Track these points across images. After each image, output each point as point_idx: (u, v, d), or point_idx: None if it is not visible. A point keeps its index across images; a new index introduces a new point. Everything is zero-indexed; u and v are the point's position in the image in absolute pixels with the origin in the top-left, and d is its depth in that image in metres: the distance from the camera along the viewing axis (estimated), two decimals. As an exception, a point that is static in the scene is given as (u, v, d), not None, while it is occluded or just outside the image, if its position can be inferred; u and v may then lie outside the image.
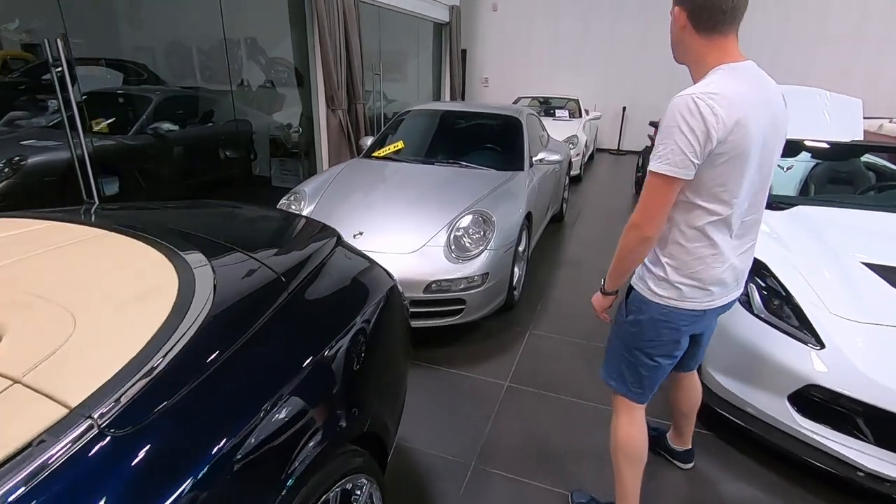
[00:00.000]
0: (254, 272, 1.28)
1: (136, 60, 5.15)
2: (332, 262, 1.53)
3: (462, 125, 4.07)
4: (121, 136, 4.71)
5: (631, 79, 10.14)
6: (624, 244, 1.40)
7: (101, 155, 4.47)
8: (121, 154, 4.63)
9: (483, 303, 2.76)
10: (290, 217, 2.06)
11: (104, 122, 4.70)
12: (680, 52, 1.44)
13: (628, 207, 6.15)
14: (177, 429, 0.80)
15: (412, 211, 2.97)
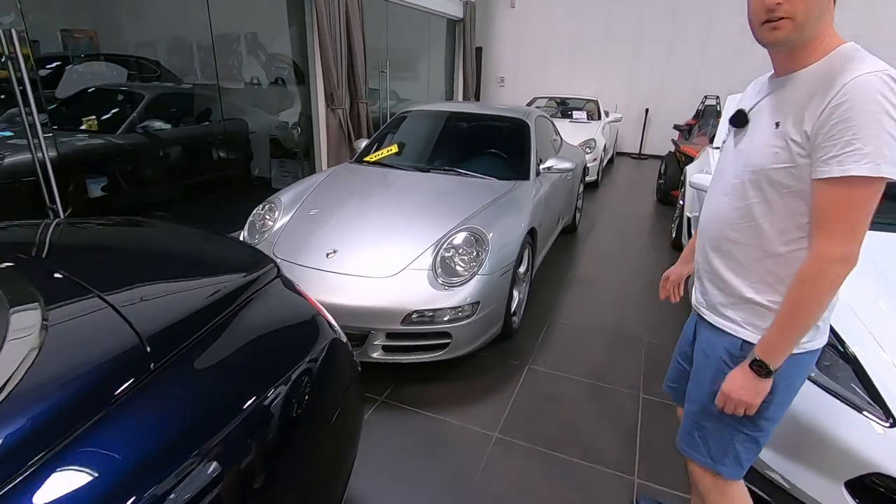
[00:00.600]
0: (106, 336, 0.93)
1: (147, 56, 4.94)
2: (249, 312, 1.18)
3: (463, 128, 3.70)
4: (109, 134, 4.45)
5: (655, 80, 9.61)
6: (822, 288, 1.00)
7: (88, 154, 4.22)
8: (108, 154, 4.38)
9: (473, 336, 2.39)
10: (218, 243, 1.70)
11: (94, 119, 4.47)
12: (814, 23, 0.99)
13: (648, 216, 5.70)
14: None
15: (396, 226, 2.61)
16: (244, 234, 2.75)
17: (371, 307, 2.20)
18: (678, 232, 4.46)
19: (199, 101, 5.41)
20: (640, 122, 9.88)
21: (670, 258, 4.35)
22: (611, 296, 3.57)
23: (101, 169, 4.32)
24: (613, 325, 3.13)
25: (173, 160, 5.01)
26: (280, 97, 6.16)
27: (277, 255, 2.50)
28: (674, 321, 3.20)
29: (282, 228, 2.70)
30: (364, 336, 2.26)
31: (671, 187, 5.96)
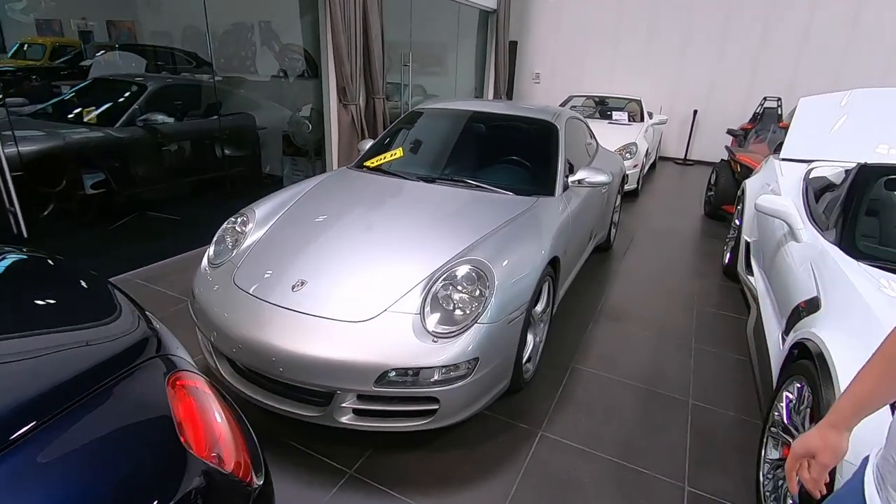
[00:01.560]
0: None
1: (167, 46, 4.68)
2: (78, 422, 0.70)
3: (481, 131, 3.16)
4: (107, 127, 4.14)
5: (705, 78, 8.77)
6: None
7: (83, 148, 3.92)
8: (105, 147, 4.06)
9: (468, 400, 1.87)
10: (91, 300, 1.17)
11: (94, 111, 4.18)
12: None
13: (694, 234, 5.01)
14: None
15: (382, 254, 2.11)
16: (210, 251, 2.32)
17: (336, 361, 1.71)
18: (733, 257, 3.79)
19: (207, 94, 5.04)
20: (686, 124, 9.06)
21: (720, 289, 3.70)
22: (648, 336, 2.97)
23: (97, 164, 4.01)
24: (650, 377, 2.55)
25: (176, 156, 4.68)
26: (295, 91, 5.77)
27: (237, 282, 2.05)
28: (729, 380, 2.59)
29: (250, 248, 2.25)
30: (330, 395, 1.78)
31: (723, 201, 5.24)
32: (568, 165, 3.02)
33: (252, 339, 1.81)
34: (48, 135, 3.77)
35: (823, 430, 0.90)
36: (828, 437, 0.89)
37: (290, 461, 1.90)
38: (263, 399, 1.88)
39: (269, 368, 1.80)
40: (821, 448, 0.89)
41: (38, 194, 3.59)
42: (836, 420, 0.90)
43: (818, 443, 0.89)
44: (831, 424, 0.90)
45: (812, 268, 2.13)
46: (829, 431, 0.90)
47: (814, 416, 1.54)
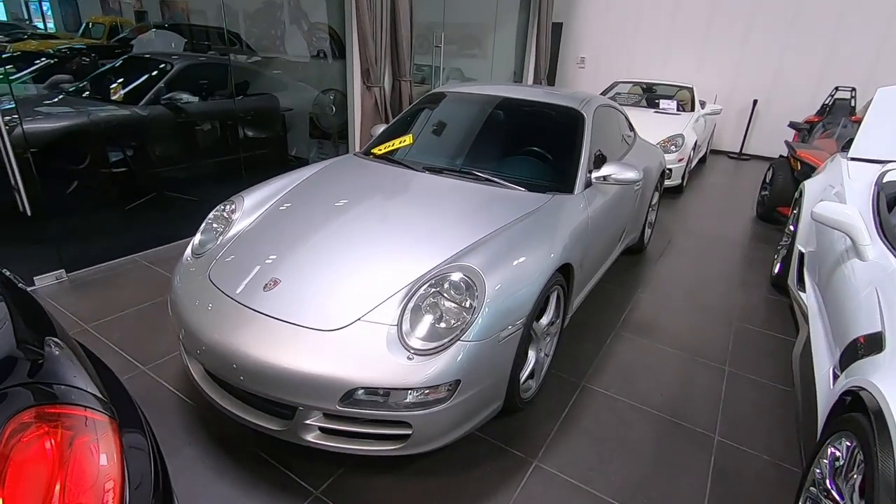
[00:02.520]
0: None
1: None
2: None
3: (499, 118, 2.88)
4: (132, 105, 4.13)
5: (769, 65, 8.00)
6: None
7: (107, 126, 3.93)
8: (128, 126, 4.06)
9: (447, 427, 1.65)
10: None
11: (121, 89, 4.18)
12: None
13: (742, 238, 4.54)
14: None
15: (365, 254, 1.90)
16: (195, 239, 2.19)
17: (299, 373, 1.53)
18: (784, 268, 3.36)
19: (235, 74, 4.96)
20: (744, 115, 8.33)
21: (766, 303, 3.29)
22: (674, 355, 2.65)
23: (119, 142, 4.01)
24: (672, 405, 2.25)
25: (199, 135, 4.63)
26: (323, 71, 5.62)
27: (211, 277, 1.90)
28: (766, 415, 2.25)
29: (233, 239, 2.10)
30: (292, 409, 1.61)
31: (778, 202, 4.72)
32: (596, 159, 2.70)
33: (215, 341, 1.66)
34: (76, 112, 3.78)
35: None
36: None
37: (256, 474, 1.76)
38: (229, 407, 1.73)
39: (230, 375, 1.65)
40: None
41: (62, 171, 3.61)
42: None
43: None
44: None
45: (878, 294, 1.76)
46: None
47: (864, 490, 1.23)
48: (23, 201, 2.75)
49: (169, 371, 2.25)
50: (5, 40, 3.72)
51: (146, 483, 0.96)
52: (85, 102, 3.89)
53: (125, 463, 0.95)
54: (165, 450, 1.83)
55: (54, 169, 3.48)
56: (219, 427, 1.94)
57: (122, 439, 1.00)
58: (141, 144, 4.12)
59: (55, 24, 4.11)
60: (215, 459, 1.80)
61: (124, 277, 3.14)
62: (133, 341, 2.46)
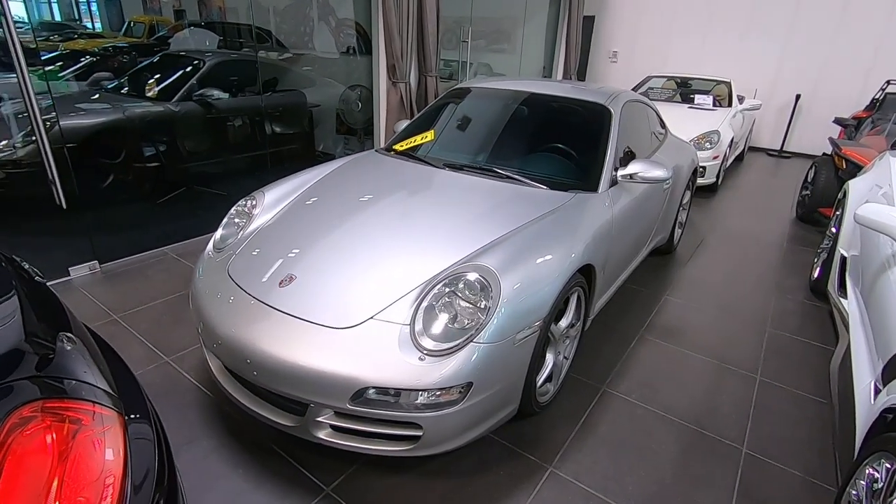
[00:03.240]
0: None
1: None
2: None
3: (524, 114, 2.81)
4: (166, 101, 4.24)
5: (814, 58, 7.61)
6: None
7: (142, 122, 4.05)
8: (161, 121, 4.17)
9: (459, 429, 1.62)
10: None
11: (156, 86, 4.31)
12: None
13: (780, 240, 4.33)
14: None
15: (381, 252, 1.89)
16: (217, 233, 2.22)
17: (310, 370, 1.53)
18: (824, 271, 3.18)
19: (264, 70, 5.03)
20: (785, 111, 7.96)
21: (804, 309, 3.12)
22: (702, 361, 2.54)
23: (152, 137, 4.13)
24: (697, 413, 2.15)
25: (229, 131, 4.73)
26: (350, 67, 5.65)
27: (230, 271, 1.92)
28: (799, 427, 2.13)
29: (252, 234, 2.12)
30: (304, 406, 1.61)
31: (820, 202, 4.48)
32: (624, 156, 2.61)
33: (230, 335, 1.67)
34: (112, 108, 3.90)
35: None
36: None
37: (269, 468, 1.77)
38: (244, 401, 1.75)
39: (244, 370, 1.66)
40: None
41: (98, 166, 3.73)
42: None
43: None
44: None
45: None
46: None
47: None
48: (58, 194, 2.85)
49: (190, 362, 2.30)
50: (59, 40, 3.89)
51: (150, 478, 0.97)
52: (122, 99, 4.01)
53: (129, 458, 0.96)
54: (182, 440, 1.88)
55: (90, 163, 3.60)
56: (235, 420, 1.96)
57: (129, 434, 1.01)
58: (172, 140, 4.23)
59: (101, 23, 4.29)
60: (229, 452, 1.82)
61: (153, 269, 3.23)
62: (158, 332, 2.52)
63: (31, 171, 3.10)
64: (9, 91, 2.98)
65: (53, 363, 0.94)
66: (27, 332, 0.93)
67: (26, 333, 0.92)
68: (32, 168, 3.00)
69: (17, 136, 3.30)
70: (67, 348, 1.02)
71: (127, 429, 1.01)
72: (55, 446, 0.81)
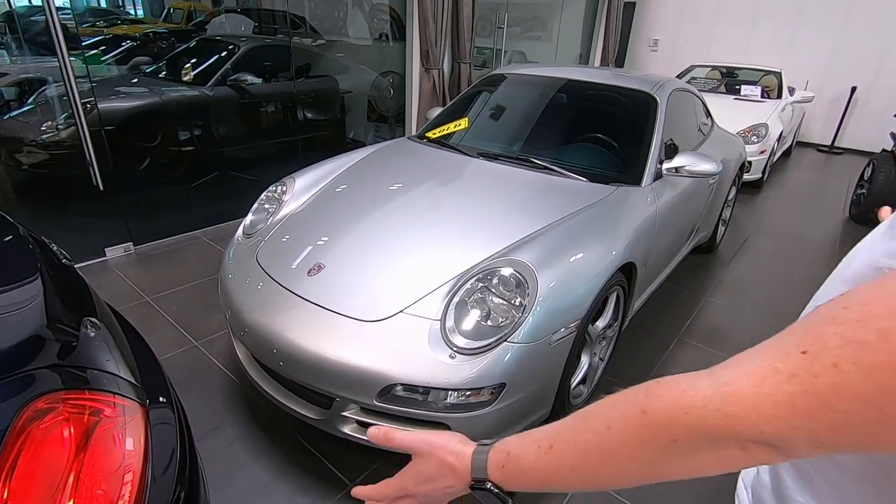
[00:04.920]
0: None
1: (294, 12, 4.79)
2: None
3: (562, 101, 2.69)
4: (201, 86, 4.27)
5: (872, 48, 7.12)
6: None
7: (178, 105, 4.09)
8: (196, 106, 4.21)
9: (488, 431, 1.55)
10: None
11: (192, 71, 4.34)
12: None
13: (830, 242, 4.08)
14: None
15: (415, 243, 1.82)
16: (247, 219, 2.19)
17: (336, 363, 1.48)
18: (881, 278, 2.96)
19: (297, 56, 5.01)
20: (838, 104, 7.49)
21: (860, 316, 2.91)
22: (748, 367, 2.39)
23: (187, 121, 4.16)
24: (743, 424, 2.02)
25: (261, 116, 4.74)
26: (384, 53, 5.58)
27: (258, 258, 1.89)
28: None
29: (282, 220, 2.09)
30: (330, 399, 1.56)
31: (877, 202, 4.17)
32: (668, 148, 2.46)
33: (257, 323, 1.64)
34: (150, 92, 3.95)
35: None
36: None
37: (293, 461, 1.74)
38: (270, 391, 1.72)
39: (270, 359, 1.62)
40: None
41: (135, 148, 3.79)
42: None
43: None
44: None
45: None
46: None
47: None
48: (96, 176, 2.89)
49: (219, 347, 2.30)
50: (103, 25, 3.96)
51: (171, 469, 0.93)
52: (159, 83, 4.05)
53: (150, 449, 0.92)
54: (207, 427, 1.87)
55: (128, 146, 3.65)
56: (261, 409, 1.94)
57: (150, 424, 0.97)
58: (207, 124, 4.26)
59: (143, 10, 4.37)
60: (254, 441, 1.80)
61: (186, 252, 3.26)
62: (188, 315, 2.53)
63: (71, 153, 3.16)
64: (53, 74, 3.02)
65: (76, 351, 0.90)
66: (49, 317, 0.90)
67: (49, 318, 0.89)
68: (73, 150, 3.05)
69: (60, 117, 3.37)
70: (91, 335, 0.99)
71: (149, 419, 0.97)
72: (73, 439, 0.77)
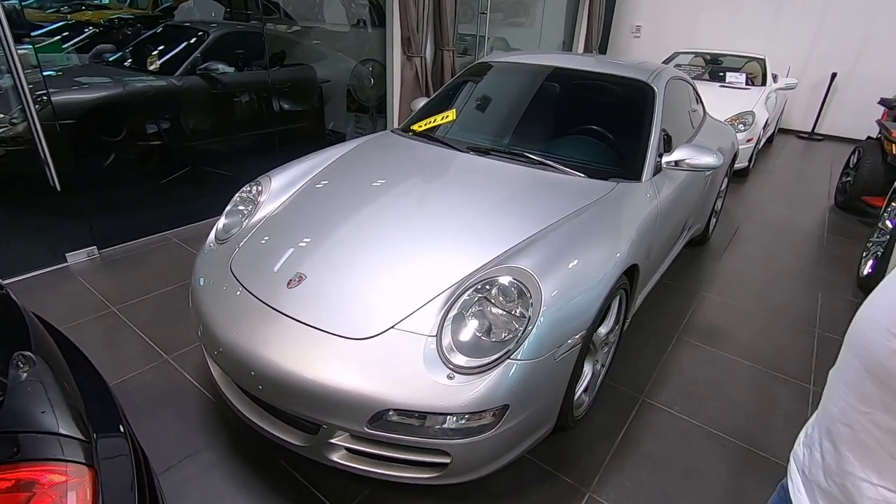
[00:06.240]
0: None
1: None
2: None
3: (555, 91, 2.55)
4: (168, 75, 4.00)
5: (853, 34, 7.14)
6: None
7: (143, 97, 3.82)
8: (164, 97, 3.94)
9: (491, 456, 1.43)
10: None
11: (158, 59, 4.06)
12: None
13: (818, 230, 4.05)
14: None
15: (405, 250, 1.67)
16: (219, 222, 2.01)
17: (322, 387, 1.33)
18: (878, 268, 2.92)
19: (271, 43, 4.74)
20: (819, 90, 7.52)
21: (854, 308, 2.87)
22: (749, 370, 2.32)
23: (154, 113, 3.90)
24: (748, 430, 1.94)
25: (234, 108, 4.48)
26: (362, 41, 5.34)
27: (232, 267, 1.72)
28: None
29: (258, 224, 1.91)
30: (316, 425, 1.42)
31: (865, 190, 4.18)
32: (664, 140, 2.35)
33: (232, 342, 1.48)
34: (112, 83, 3.68)
35: None
36: None
37: (276, 488, 1.60)
38: (249, 415, 1.57)
39: (247, 382, 1.47)
40: None
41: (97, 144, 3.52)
42: None
43: None
44: None
45: None
46: None
47: None
48: (52, 174, 2.66)
49: (193, 361, 2.12)
50: (67, 11, 3.67)
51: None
52: (123, 72, 3.79)
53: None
54: (181, 453, 1.70)
55: (90, 141, 3.40)
56: (241, 431, 1.78)
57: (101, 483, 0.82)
58: (176, 116, 4.00)
59: (108, -7, 4.06)
60: (234, 468, 1.65)
61: (155, 256, 3.05)
62: (159, 326, 2.34)
63: (29, 149, 2.91)
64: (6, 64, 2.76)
65: (3, 406, 0.74)
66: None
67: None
68: (31, 146, 2.81)
69: (15, 110, 3.10)
70: (23, 377, 0.83)
71: (98, 480, 0.82)
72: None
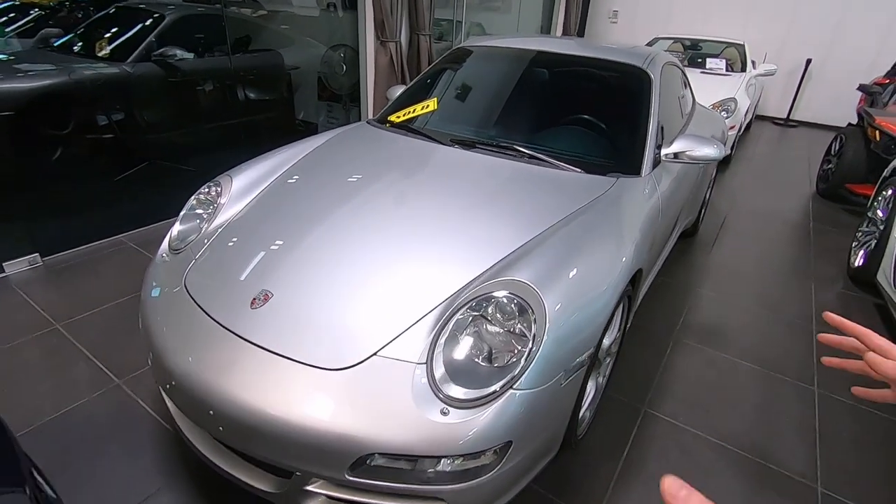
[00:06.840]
0: None
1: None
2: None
3: (543, 78, 2.36)
4: (119, 62, 3.64)
5: (828, 20, 7.16)
6: None
7: (92, 85, 3.47)
8: (115, 85, 3.59)
9: (490, 498, 1.25)
10: None
11: (108, 44, 3.69)
12: None
13: (803, 218, 4.01)
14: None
15: (384, 261, 1.47)
16: (173, 229, 1.77)
17: (293, 427, 1.13)
18: (870, 259, 2.86)
19: (234, 27, 4.40)
20: (794, 76, 7.55)
21: (846, 301, 2.82)
22: (751, 372, 2.21)
23: (105, 104, 3.56)
24: (757, 441, 1.83)
25: (195, 97, 4.15)
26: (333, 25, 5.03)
27: (187, 283, 1.49)
28: (871, 459, 1.82)
29: (216, 232, 1.68)
30: (288, 472, 1.22)
31: (848, 178, 4.15)
32: (661, 131, 2.20)
33: (186, 374, 1.26)
34: (58, 70, 3.32)
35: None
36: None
37: (245, 536, 1.39)
38: (210, 456, 1.35)
39: (206, 423, 1.25)
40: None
41: (42, 138, 3.19)
42: None
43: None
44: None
45: None
46: None
47: None
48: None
49: (147, 385, 1.89)
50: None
51: None
52: (70, 59, 3.44)
53: None
54: (137, 495, 1.49)
55: (34, 136, 3.08)
56: (204, 466, 1.57)
57: None
58: (129, 107, 3.66)
59: (57, -27, 3.67)
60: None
61: (107, 263, 2.77)
62: (109, 345, 2.09)
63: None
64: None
65: None
66: None
67: None
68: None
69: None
70: None
71: None
72: None
